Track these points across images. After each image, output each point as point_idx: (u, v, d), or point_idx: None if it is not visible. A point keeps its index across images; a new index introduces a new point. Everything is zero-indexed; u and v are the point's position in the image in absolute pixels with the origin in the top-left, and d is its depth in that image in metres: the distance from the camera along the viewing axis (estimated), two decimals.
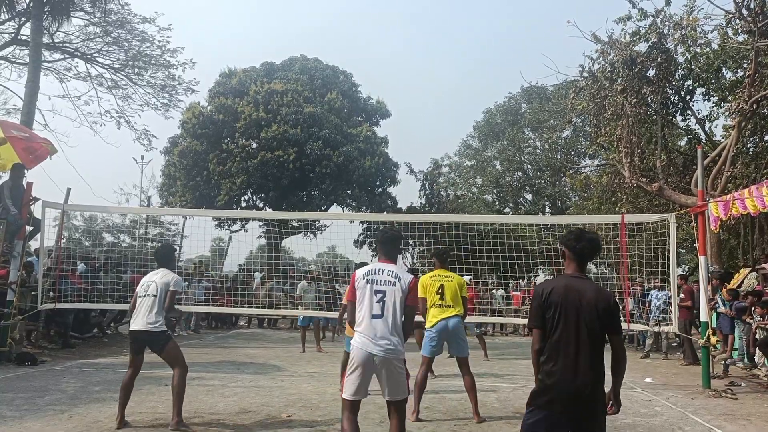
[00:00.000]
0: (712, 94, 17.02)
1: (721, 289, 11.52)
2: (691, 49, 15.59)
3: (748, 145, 16.48)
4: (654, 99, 15.65)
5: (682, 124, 18.57)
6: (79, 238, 31.75)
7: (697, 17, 14.32)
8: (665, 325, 10.97)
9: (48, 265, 11.13)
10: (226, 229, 24.75)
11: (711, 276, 11.46)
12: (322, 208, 24.77)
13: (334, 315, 10.72)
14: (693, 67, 16.41)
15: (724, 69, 16.26)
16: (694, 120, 17.92)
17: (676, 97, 17.31)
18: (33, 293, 10.57)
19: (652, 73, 15.19)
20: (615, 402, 3.34)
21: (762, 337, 9.59)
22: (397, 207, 26.91)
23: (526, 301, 15.51)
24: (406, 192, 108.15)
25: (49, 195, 10.99)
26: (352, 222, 14.62)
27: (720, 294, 11.35)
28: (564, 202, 31.44)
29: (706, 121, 17.92)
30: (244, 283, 16.21)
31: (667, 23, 14.65)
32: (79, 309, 11.78)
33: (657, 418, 6.66)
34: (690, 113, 17.72)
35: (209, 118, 23.74)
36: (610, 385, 3.36)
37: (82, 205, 13.98)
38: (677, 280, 11.40)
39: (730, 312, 10.68)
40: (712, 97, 17.23)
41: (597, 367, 3.18)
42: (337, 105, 25.35)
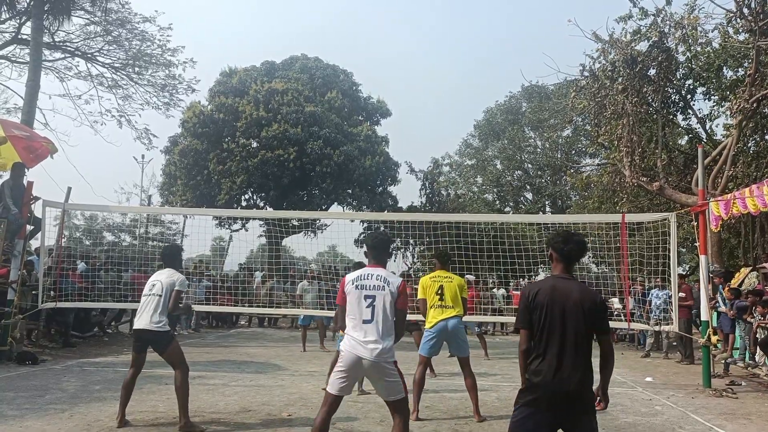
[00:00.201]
0: (712, 93, 17.02)
1: (724, 287, 11.51)
2: (691, 48, 15.59)
3: (749, 145, 16.49)
4: (655, 98, 15.64)
5: (683, 124, 18.59)
6: (80, 237, 31.80)
7: (698, 16, 14.33)
8: (666, 324, 10.96)
9: (48, 264, 11.14)
10: (227, 228, 24.76)
11: (712, 275, 11.46)
12: (323, 208, 24.78)
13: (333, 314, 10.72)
14: (694, 66, 16.41)
15: (724, 68, 16.25)
16: (694, 119, 17.95)
17: (677, 97, 17.31)
18: (34, 292, 10.58)
19: (652, 72, 15.18)
20: (603, 398, 3.37)
21: (762, 336, 9.59)
22: (398, 206, 26.90)
23: None
24: (407, 191, 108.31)
25: (50, 194, 11.01)
26: (352, 221, 14.66)
27: (720, 293, 11.35)
28: (564, 202, 31.42)
29: (707, 120, 17.94)
30: (245, 282, 16.21)
31: (667, 22, 14.65)
32: (79, 308, 11.78)
33: (657, 417, 6.66)
34: (691, 112, 17.73)
35: (210, 118, 23.73)
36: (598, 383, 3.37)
37: (82, 204, 13.98)
38: (679, 281, 11.42)
39: (731, 312, 10.68)
40: (712, 97, 17.24)
41: (584, 366, 3.20)
42: (338, 104, 25.35)
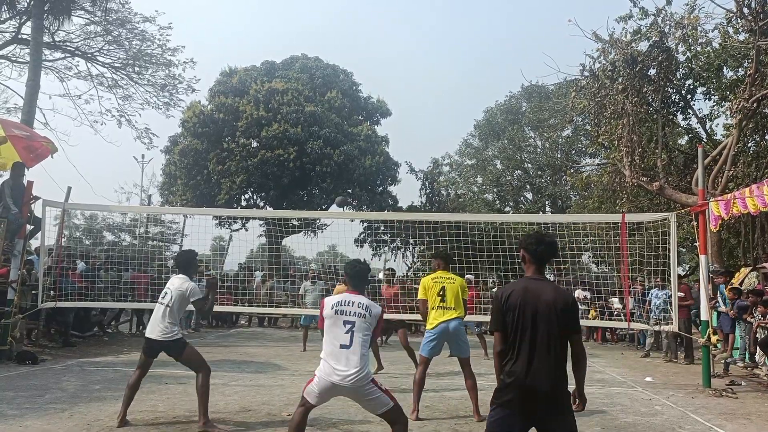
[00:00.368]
0: (712, 93, 17.03)
1: (726, 286, 11.51)
2: (692, 48, 15.60)
3: (749, 145, 16.49)
4: (655, 98, 15.64)
5: (683, 123, 18.58)
6: (80, 236, 31.82)
7: (698, 16, 14.34)
8: (666, 324, 10.96)
9: (48, 264, 11.14)
10: (227, 227, 24.76)
11: (712, 275, 11.46)
12: (323, 207, 24.77)
13: None
14: (694, 66, 16.41)
15: (724, 68, 16.25)
16: (694, 119, 17.95)
17: (677, 96, 17.31)
18: (33, 292, 10.57)
19: (652, 72, 15.18)
20: (580, 399, 3.37)
21: (762, 336, 9.59)
22: (398, 206, 26.89)
23: None
24: (407, 191, 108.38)
25: (50, 194, 11.01)
26: (352, 221, 14.67)
27: (721, 293, 11.35)
28: (564, 201, 31.40)
29: (707, 120, 17.94)
30: (245, 282, 16.21)
31: (668, 22, 14.66)
32: (79, 308, 11.78)
33: (657, 417, 6.66)
34: (691, 112, 17.73)
35: (210, 117, 23.73)
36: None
37: (82, 203, 13.98)
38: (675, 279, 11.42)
39: (732, 311, 10.68)
40: (712, 96, 17.23)
41: (557, 366, 3.20)
42: (338, 104, 25.34)
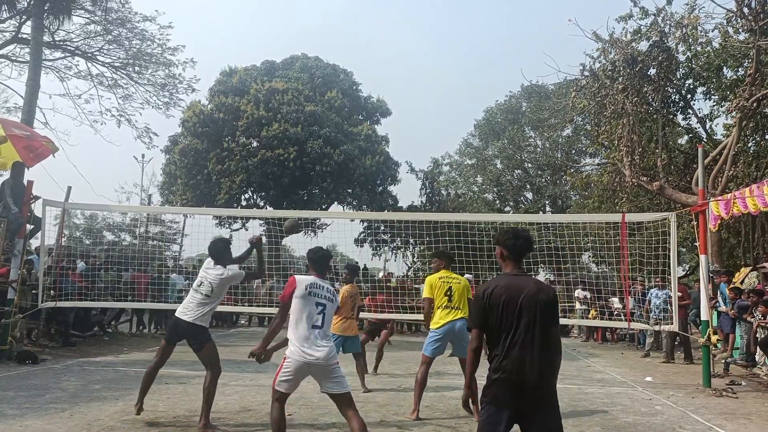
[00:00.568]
0: (712, 93, 17.02)
1: (728, 286, 11.51)
2: (692, 47, 15.59)
3: (749, 145, 16.48)
4: (655, 98, 15.64)
5: (683, 123, 18.58)
6: (80, 236, 31.82)
7: (698, 16, 14.33)
8: (666, 324, 10.96)
9: (48, 264, 11.14)
10: (227, 227, 24.77)
11: (712, 275, 11.46)
12: (323, 207, 24.79)
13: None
14: (694, 65, 16.41)
15: (724, 68, 16.25)
16: (694, 119, 17.95)
17: (677, 96, 17.31)
18: (34, 292, 10.58)
19: (653, 71, 15.18)
20: None
21: (763, 336, 9.59)
22: (398, 206, 26.91)
23: None
24: (407, 191, 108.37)
25: (50, 193, 11.01)
26: (352, 221, 14.70)
27: (722, 292, 11.35)
28: (564, 201, 31.40)
29: (707, 120, 17.94)
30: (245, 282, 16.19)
31: (668, 22, 14.66)
32: (79, 307, 11.78)
33: (657, 417, 6.66)
34: (691, 112, 17.73)
35: (210, 117, 23.74)
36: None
37: (82, 203, 13.96)
38: (669, 278, 11.42)
39: (732, 311, 10.68)
40: (712, 96, 17.23)
41: (543, 360, 3.20)
42: (338, 103, 25.35)
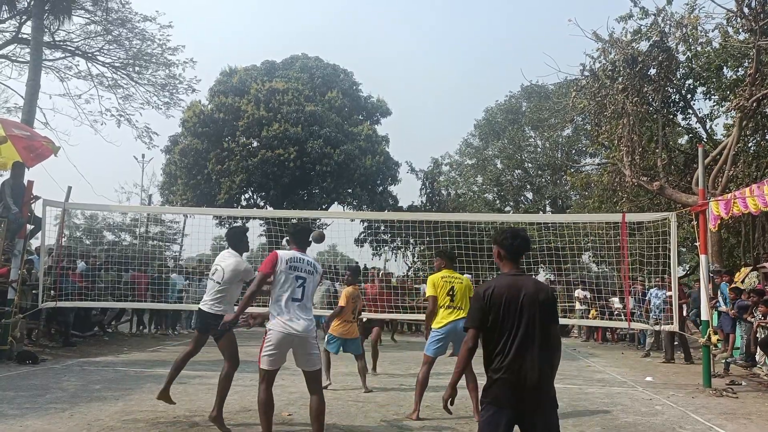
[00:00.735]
0: (713, 93, 17.02)
1: (729, 284, 11.51)
2: (692, 47, 15.58)
3: (750, 145, 16.48)
4: (655, 98, 15.64)
5: (683, 123, 18.57)
6: (80, 236, 31.83)
7: (698, 16, 14.32)
8: (665, 324, 10.96)
9: (49, 264, 11.14)
10: (227, 227, 24.73)
11: (712, 275, 11.45)
12: (323, 207, 24.78)
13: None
14: (694, 65, 16.40)
15: (725, 68, 16.24)
16: (695, 119, 17.93)
17: (677, 96, 17.30)
18: (34, 292, 10.58)
19: (653, 71, 15.18)
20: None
21: (763, 336, 9.59)
22: (398, 206, 26.92)
23: None
24: (407, 191, 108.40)
25: (50, 193, 11.04)
26: (353, 221, 14.67)
27: (722, 292, 11.35)
28: (565, 201, 31.39)
29: (707, 120, 17.93)
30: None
31: (668, 22, 14.65)
32: (79, 307, 11.78)
33: (658, 417, 6.66)
34: (691, 112, 17.72)
35: (210, 117, 23.75)
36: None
37: (82, 203, 13.96)
38: (666, 278, 11.42)
39: (732, 311, 10.68)
40: (713, 96, 17.22)
41: (544, 361, 3.21)
42: (338, 103, 25.36)
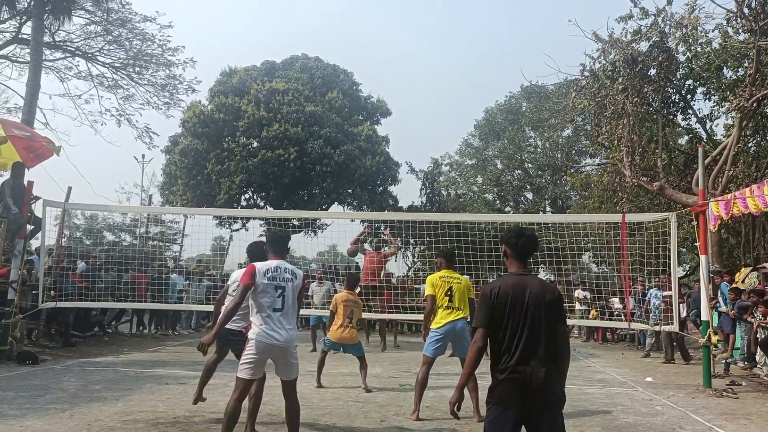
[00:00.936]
0: (712, 93, 17.01)
1: (730, 284, 11.51)
2: (692, 48, 15.59)
3: (750, 145, 16.47)
4: (655, 98, 15.63)
5: (683, 123, 18.58)
6: (80, 236, 31.80)
7: (698, 16, 14.32)
8: (665, 324, 10.96)
9: (49, 264, 11.14)
10: (227, 227, 24.77)
11: (712, 275, 11.45)
12: (323, 207, 24.77)
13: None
14: (694, 66, 16.39)
15: (724, 68, 16.24)
16: (694, 119, 17.93)
17: (677, 96, 17.30)
18: (34, 292, 10.59)
19: (653, 72, 15.17)
20: (560, 396, 3.32)
21: (763, 336, 9.59)
22: (398, 206, 26.90)
23: None
24: (407, 191, 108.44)
25: (50, 194, 11.04)
26: (353, 221, 14.67)
27: (722, 292, 11.34)
28: (565, 201, 31.38)
29: (707, 120, 17.92)
30: None
31: (668, 22, 14.64)
32: (79, 308, 11.78)
33: (658, 417, 6.66)
34: (691, 112, 17.72)
35: (210, 117, 23.73)
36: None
37: (83, 203, 13.99)
38: (663, 278, 11.42)
39: (732, 311, 10.67)
40: (712, 97, 17.22)
41: (550, 360, 3.20)
42: (338, 104, 25.35)
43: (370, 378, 8.17)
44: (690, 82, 17.04)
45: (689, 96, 17.28)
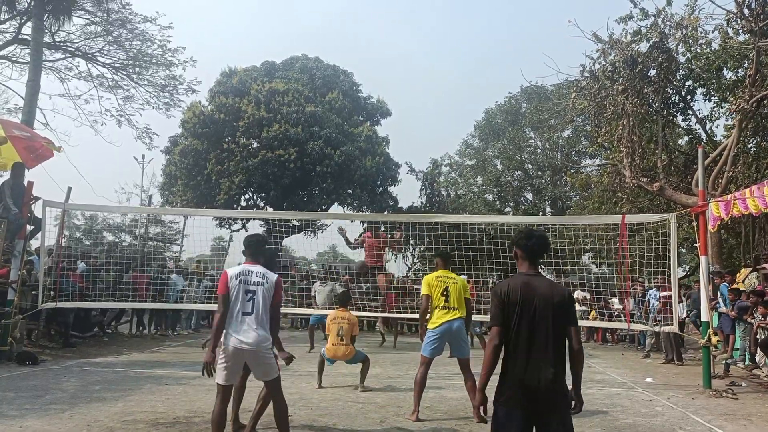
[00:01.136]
0: (712, 94, 17.01)
1: (731, 284, 11.50)
2: (692, 48, 15.57)
3: (750, 146, 16.47)
4: (655, 99, 15.63)
5: (683, 124, 18.56)
6: (80, 237, 31.82)
7: (698, 17, 14.31)
8: (665, 325, 10.96)
9: (48, 264, 11.14)
10: (227, 228, 24.78)
11: (712, 276, 11.45)
12: (323, 208, 24.79)
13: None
14: (694, 67, 16.39)
15: (724, 69, 16.24)
16: (694, 120, 17.92)
17: (677, 97, 17.29)
18: (34, 292, 10.58)
19: (653, 72, 15.17)
20: (576, 400, 3.32)
21: (763, 337, 9.59)
22: (398, 206, 26.91)
23: None
24: (407, 191, 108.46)
25: (50, 194, 11.03)
26: (352, 221, 14.63)
27: (722, 293, 11.34)
28: (565, 202, 31.38)
29: (707, 121, 17.91)
30: None
31: (668, 23, 14.64)
32: (79, 308, 11.78)
33: (658, 418, 6.66)
34: (691, 113, 17.71)
35: (210, 118, 23.74)
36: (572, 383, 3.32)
37: (82, 204, 14.00)
38: (660, 279, 11.42)
39: (732, 312, 10.67)
40: (712, 97, 17.22)
41: (557, 362, 3.20)
42: (338, 104, 25.36)
43: (370, 378, 8.17)
44: (690, 82, 17.04)
45: (689, 97, 17.28)
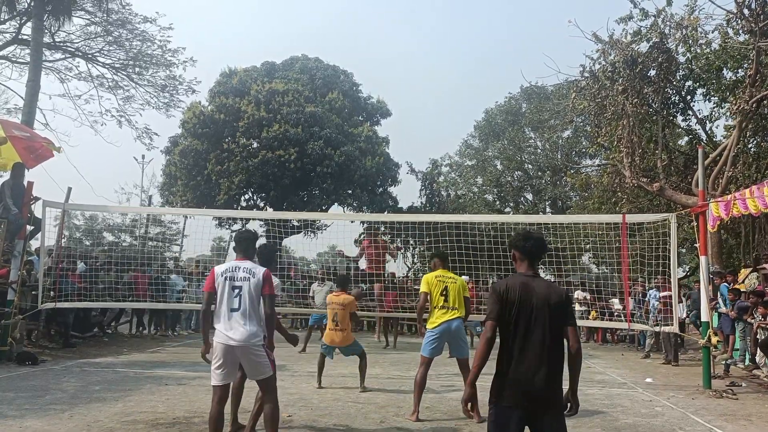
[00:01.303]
0: (712, 94, 17.01)
1: (732, 284, 11.50)
2: (692, 49, 15.57)
3: (750, 146, 16.47)
4: (655, 99, 15.63)
5: (683, 124, 18.56)
6: (80, 237, 31.80)
7: (698, 17, 14.31)
8: (665, 325, 10.95)
9: (48, 265, 11.14)
10: (227, 228, 24.78)
11: (712, 276, 11.45)
12: (323, 208, 24.76)
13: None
14: (694, 67, 16.39)
15: (724, 69, 16.24)
16: (694, 120, 17.91)
17: (677, 97, 17.29)
18: (33, 292, 10.58)
19: (653, 73, 15.17)
20: (573, 402, 3.31)
21: (763, 337, 9.59)
22: (398, 207, 26.90)
23: None
24: (407, 192, 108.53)
25: (50, 194, 11.02)
26: (352, 222, 14.61)
27: (722, 293, 11.34)
28: (564, 202, 31.38)
29: (707, 121, 17.91)
30: None
31: (668, 23, 14.64)
32: (79, 308, 11.78)
33: (658, 418, 6.66)
34: (691, 113, 17.71)
35: (210, 118, 23.73)
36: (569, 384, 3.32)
37: (82, 204, 13.98)
38: (660, 279, 11.41)
39: (732, 312, 10.67)
40: (712, 98, 17.22)
41: (554, 362, 3.21)
42: (338, 104, 25.34)
43: (370, 378, 8.17)
44: (690, 83, 17.03)
45: (689, 97, 17.27)
